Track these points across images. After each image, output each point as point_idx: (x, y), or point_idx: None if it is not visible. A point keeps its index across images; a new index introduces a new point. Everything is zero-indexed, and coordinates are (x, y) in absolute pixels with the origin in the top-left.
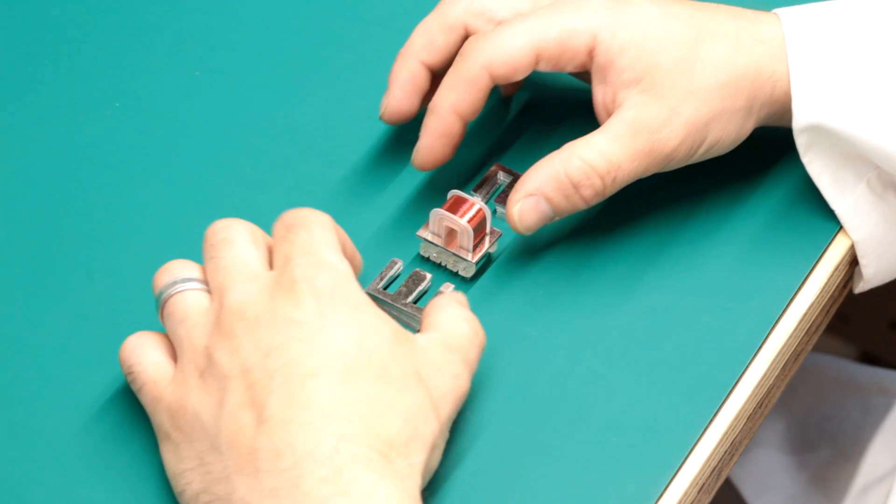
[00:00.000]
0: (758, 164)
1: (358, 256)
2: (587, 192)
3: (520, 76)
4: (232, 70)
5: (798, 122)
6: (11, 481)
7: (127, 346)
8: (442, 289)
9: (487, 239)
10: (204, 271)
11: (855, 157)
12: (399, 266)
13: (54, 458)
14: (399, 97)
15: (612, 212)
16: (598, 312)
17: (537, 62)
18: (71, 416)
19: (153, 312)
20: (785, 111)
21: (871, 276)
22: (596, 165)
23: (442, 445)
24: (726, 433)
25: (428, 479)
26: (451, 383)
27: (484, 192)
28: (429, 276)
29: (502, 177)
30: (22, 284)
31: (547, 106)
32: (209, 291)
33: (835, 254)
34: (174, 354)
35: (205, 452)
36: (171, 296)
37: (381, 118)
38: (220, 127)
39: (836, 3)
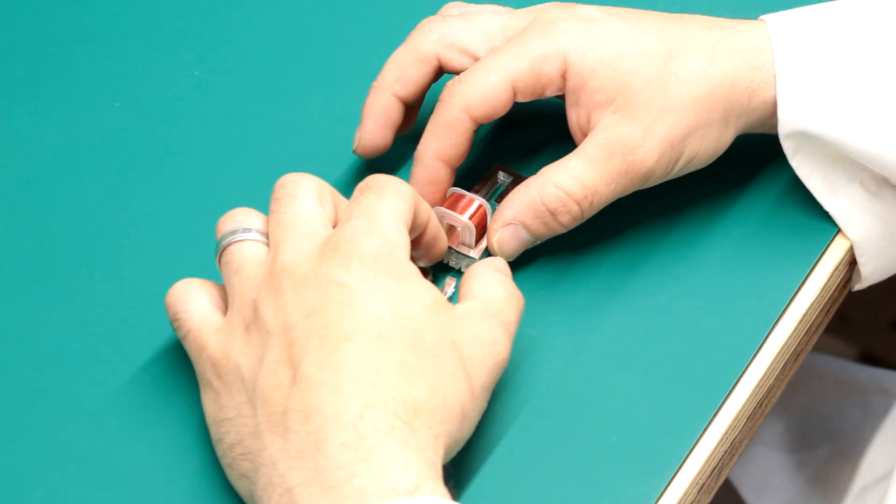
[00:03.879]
0: (758, 163)
1: (442, 240)
2: (565, 219)
3: (500, 113)
4: (232, 70)
5: (784, 128)
6: (11, 481)
7: (174, 291)
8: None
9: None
10: (267, 221)
11: (844, 158)
12: None
13: (56, 456)
14: (372, 130)
15: (614, 211)
16: (598, 312)
17: (515, 95)
18: (72, 415)
19: (153, 311)
20: (764, 119)
21: (869, 274)
22: (572, 192)
23: (474, 416)
24: (726, 433)
25: (457, 449)
26: (487, 350)
27: (484, 192)
28: (429, 273)
29: (503, 177)
30: (22, 284)
31: (547, 105)
32: (268, 243)
33: (834, 254)
34: (219, 303)
35: (242, 405)
36: (231, 244)
37: (354, 151)
38: (220, 127)
39: (822, 8)
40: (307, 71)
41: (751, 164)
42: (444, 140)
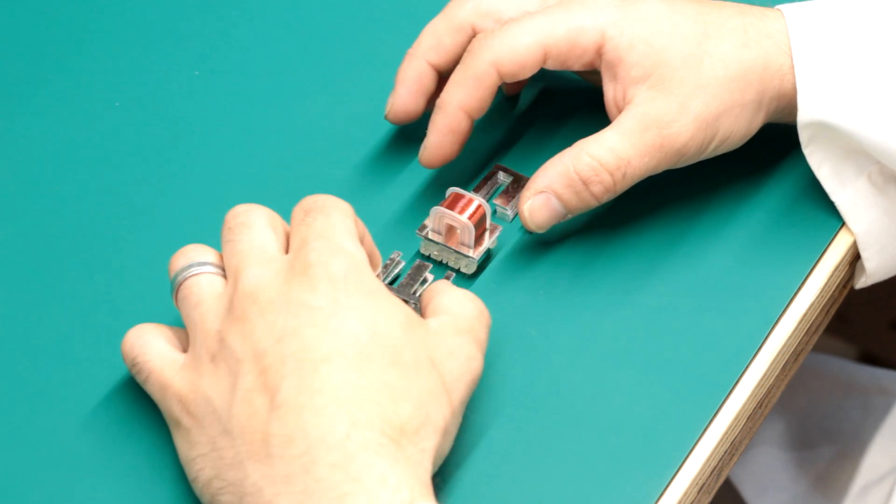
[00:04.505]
0: (756, 164)
1: (376, 251)
2: (597, 189)
3: (527, 74)
4: (232, 70)
5: (803, 117)
6: (11, 481)
7: (129, 338)
8: (445, 277)
9: (487, 235)
10: (220, 257)
11: (856, 151)
12: (401, 264)
13: (55, 457)
14: (405, 97)
15: (613, 212)
16: (598, 312)
17: (545, 60)
18: (71, 415)
19: (154, 311)
20: (794, 105)
21: (874, 270)
22: (605, 162)
23: (454, 430)
24: (726, 433)
25: (439, 464)
26: (464, 366)
27: (484, 192)
28: (429, 266)
29: (503, 177)
30: (21, 284)
31: (548, 106)
32: (225, 276)
33: (835, 254)
34: (177, 343)
35: (217, 437)
36: (186, 279)
37: (385, 117)
38: (220, 127)
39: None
40: (307, 71)
41: (750, 166)
42: (469, 91)
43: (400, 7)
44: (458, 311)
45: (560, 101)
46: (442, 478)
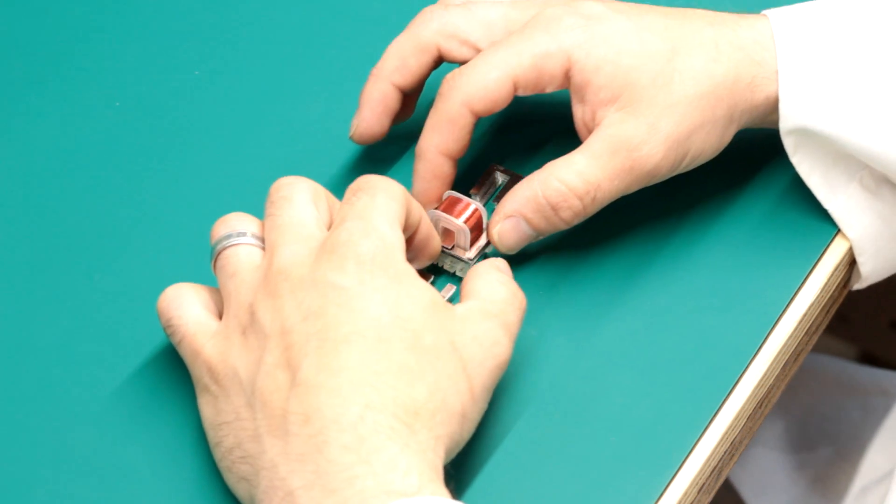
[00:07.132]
0: (758, 163)
1: (434, 235)
2: (566, 214)
3: (501, 107)
4: (232, 70)
5: (785, 124)
6: (11, 481)
7: (166, 297)
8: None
9: (483, 238)
10: (262, 226)
11: (845, 156)
12: None
13: (56, 456)
14: (369, 118)
15: (612, 212)
16: (599, 313)
17: (515, 90)
18: (72, 415)
19: (153, 311)
20: (766, 115)
21: (869, 273)
22: (574, 186)
23: (475, 417)
24: (726, 433)
25: (457, 450)
26: (488, 352)
27: (482, 192)
28: (430, 277)
29: (500, 177)
30: (21, 284)
31: (545, 105)
32: (263, 247)
33: (835, 254)
34: (211, 307)
35: (240, 408)
36: (225, 248)
37: (350, 138)
38: (220, 127)
39: (824, 3)
40: (307, 71)
41: (750, 165)
42: (445, 135)
43: (399, 7)
44: (487, 295)
45: (558, 99)
46: (454, 467)
